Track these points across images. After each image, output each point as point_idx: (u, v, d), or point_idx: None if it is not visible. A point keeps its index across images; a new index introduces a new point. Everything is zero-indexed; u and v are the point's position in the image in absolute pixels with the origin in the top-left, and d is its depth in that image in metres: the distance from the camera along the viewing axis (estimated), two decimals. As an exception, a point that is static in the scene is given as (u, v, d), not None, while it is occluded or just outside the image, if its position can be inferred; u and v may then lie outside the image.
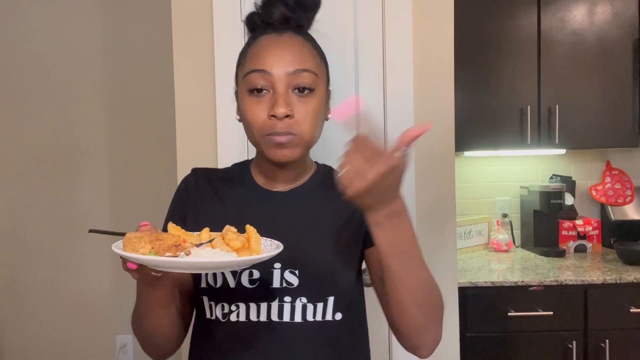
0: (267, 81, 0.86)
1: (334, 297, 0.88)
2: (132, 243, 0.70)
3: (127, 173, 2.48)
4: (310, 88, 0.88)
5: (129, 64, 2.47)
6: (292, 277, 0.88)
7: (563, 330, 1.89)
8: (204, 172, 1.03)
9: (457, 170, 1.72)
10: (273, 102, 0.86)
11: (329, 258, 0.89)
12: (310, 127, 0.88)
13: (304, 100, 0.87)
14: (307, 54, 0.89)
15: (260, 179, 0.98)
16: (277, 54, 0.87)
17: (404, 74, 1.60)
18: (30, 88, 2.47)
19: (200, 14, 1.59)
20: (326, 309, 0.88)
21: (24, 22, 2.46)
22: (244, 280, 0.88)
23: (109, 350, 2.50)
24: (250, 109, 0.88)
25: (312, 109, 0.88)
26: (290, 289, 0.87)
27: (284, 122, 0.85)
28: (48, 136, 2.47)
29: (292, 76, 0.86)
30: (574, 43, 2.21)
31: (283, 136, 0.86)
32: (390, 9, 1.59)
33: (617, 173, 2.54)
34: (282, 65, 0.86)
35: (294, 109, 0.86)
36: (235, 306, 0.88)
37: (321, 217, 0.93)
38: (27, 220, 2.49)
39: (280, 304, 0.87)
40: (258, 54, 0.88)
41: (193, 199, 0.98)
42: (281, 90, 0.86)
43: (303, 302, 0.87)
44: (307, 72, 0.87)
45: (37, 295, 2.49)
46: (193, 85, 1.60)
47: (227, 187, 0.98)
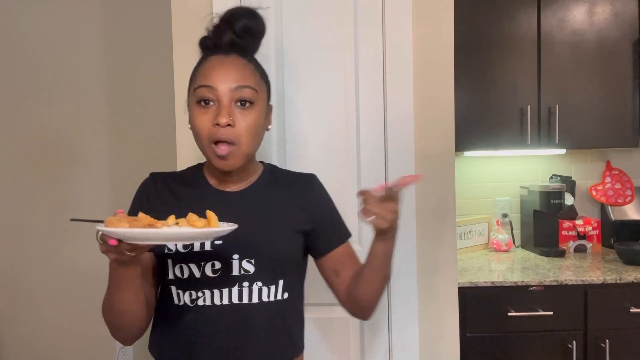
0: (213, 95, 1.01)
1: (283, 280, 1.07)
2: (113, 223, 0.82)
3: (127, 172, 2.48)
4: (251, 101, 1.02)
5: (129, 64, 2.47)
6: (249, 265, 1.03)
7: (563, 330, 1.89)
8: (162, 176, 1.14)
9: (457, 170, 1.72)
10: (217, 112, 1.00)
11: (279, 248, 1.06)
12: (249, 136, 1.02)
13: (244, 113, 1.02)
14: (248, 73, 1.04)
15: (213, 181, 1.11)
16: (222, 72, 1.02)
17: (404, 74, 1.60)
18: (31, 86, 2.47)
19: (200, 14, 1.59)
20: (277, 290, 1.06)
21: (25, 21, 2.46)
22: (208, 270, 1.02)
23: (109, 350, 2.50)
24: (198, 118, 1.02)
25: (251, 120, 1.02)
26: (247, 275, 1.03)
27: (225, 129, 0.99)
28: (48, 135, 2.47)
29: (234, 91, 1.01)
30: (574, 43, 2.21)
31: (224, 147, 1.00)
32: (390, 10, 1.59)
33: (617, 173, 2.54)
34: (227, 82, 1.01)
35: (235, 119, 1.00)
36: (201, 292, 1.02)
37: (271, 213, 1.09)
38: (27, 219, 2.49)
39: (239, 289, 1.03)
40: (206, 71, 1.03)
41: (154, 201, 1.09)
42: (225, 103, 1.00)
43: (259, 285, 1.04)
44: (247, 88, 1.02)
45: (36, 295, 2.49)
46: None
47: (184, 189, 1.11)
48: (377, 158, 1.61)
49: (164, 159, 2.39)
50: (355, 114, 1.61)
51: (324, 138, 1.62)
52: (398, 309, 1.61)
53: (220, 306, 1.03)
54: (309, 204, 1.13)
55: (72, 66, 2.47)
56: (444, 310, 1.63)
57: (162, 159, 2.41)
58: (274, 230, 1.07)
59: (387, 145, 1.61)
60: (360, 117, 1.61)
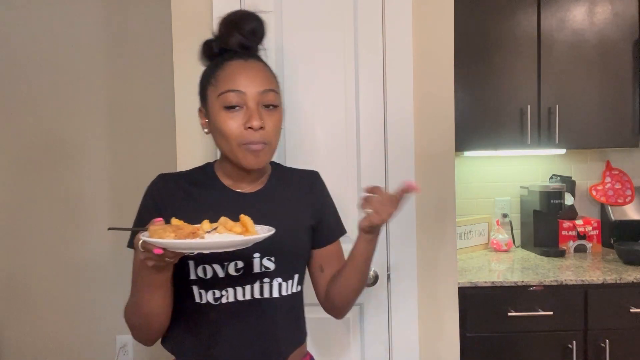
0: (241, 99, 1.04)
1: (298, 275, 1.14)
2: (158, 233, 0.83)
3: (128, 172, 2.48)
4: (275, 104, 1.07)
5: (129, 64, 2.47)
6: (270, 263, 1.08)
7: (563, 330, 1.89)
8: (171, 177, 1.15)
9: (457, 170, 1.72)
10: (248, 116, 1.03)
11: (297, 245, 1.13)
12: (276, 136, 1.08)
13: (271, 115, 1.06)
14: (270, 77, 1.09)
15: (227, 181, 1.13)
16: (249, 77, 1.05)
17: (404, 74, 1.60)
18: (31, 86, 2.47)
19: (200, 15, 1.59)
20: (293, 283, 1.12)
21: (26, 21, 2.46)
22: (231, 270, 1.06)
23: (109, 350, 2.50)
24: (226, 122, 1.04)
25: (277, 121, 1.08)
26: (268, 272, 1.08)
27: (259, 132, 1.03)
28: (48, 134, 2.47)
29: (262, 95, 1.05)
30: (574, 43, 2.21)
31: (259, 145, 1.04)
32: (390, 9, 1.59)
33: (617, 173, 2.54)
34: (254, 86, 1.04)
35: (265, 122, 1.04)
36: (225, 291, 1.06)
37: (285, 211, 1.14)
38: (27, 218, 2.49)
39: (261, 285, 1.08)
40: (231, 76, 1.05)
41: (166, 201, 1.10)
42: (254, 106, 1.04)
43: (278, 281, 1.10)
44: (272, 91, 1.06)
45: (36, 294, 2.49)
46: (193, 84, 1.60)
47: (198, 190, 1.12)
48: (377, 158, 1.61)
49: (164, 159, 2.39)
50: (355, 114, 1.61)
51: (324, 138, 1.62)
52: (398, 309, 1.61)
53: (242, 302, 1.07)
54: (314, 200, 1.18)
55: (72, 66, 2.47)
56: (444, 310, 1.63)
57: (162, 159, 2.42)
58: (290, 228, 1.11)
59: (387, 145, 1.61)
60: (360, 117, 1.61)
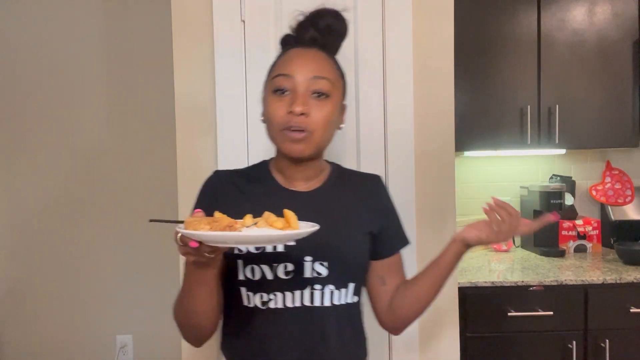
0: (290, 83, 0.99)
1: (354, 284, 1.06)
2: (193, 225, 0.80)
3: (128, 171, 2.48)
4: (327, 94, 1.00)
5: (129, 64, 2.47)
6: (322, 268, 1.01)
7: (563, 330, 1.89)
8: (227, 173, 1.12)
9: (457, 170, 1.72)
10: (292, 100, 0.98)
11: (352, 251, 1.05)
12: (322, 127, 1.00)
13: (319, 104, 1.00)
14: (327, 66, 1.03)
15: (280, 178, 1.08)
16: (301, 62, 1.01)
17: (404, 74, 1.60)
18: (31, 88, 2.47)
19: (200, 14, 1.59)
20: (347, 293, 1.05)
21: (25, 23, 2.46)
22: (280, 272, 1.00)
23: (109, 350, 2.50)
24: (272, 106, 1.01)
25: (326, 112, 1.00)
26: (319, 278, 1.01)
27: (299, 118, 0.97)
28: (49, 135, 2.47)
29: (311, 81, 0.99)
30: (574, 43, 2.21)
31: (298, 133, 0.98)
32: (390, 10, 1.59)
33: (617, 173, 2.54)
34: (305, 72, 1.00)
35: (310, 109, 0.98)
36: (273, 295, 1.00)
37: (342, 214, 1.06)
38: (27, 219, 2.48)
39: (311, 291, 1.01)
40: (285, 61, 1.02)
41: (222, 198, 1.05)
42: (300, 92, 0.99)
43: (331, 289, 1.02)
44: (324, 79, 1.00)
45: (37, 295, 2.49)
46: (193, 85, 1.60)
47: (251, 186, 1.08)
48: (377, 158, 1.61)
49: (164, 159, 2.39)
50: (355, 114, 1.61)
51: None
52: (398, 309, 1.61)
53: (291, 308, 1.01)
54: (376, 207, 1.11)
55: (72, 67, 2.47)
56: (444, 310, 1.63)
57: (163, 160, 2.42)
58: (346, 232, 1.05)
59: (387, 145, 1.61)
60: (360, 117, 1.61)
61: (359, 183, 1.14)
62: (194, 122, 1.61)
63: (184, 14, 1.60)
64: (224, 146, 1.60)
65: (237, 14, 1.58)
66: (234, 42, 1.58)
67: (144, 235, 2.46)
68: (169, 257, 2.41)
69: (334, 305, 1.03)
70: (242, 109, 1.59)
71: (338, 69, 1.07)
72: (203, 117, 1.60)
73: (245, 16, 1.59)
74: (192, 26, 1.60)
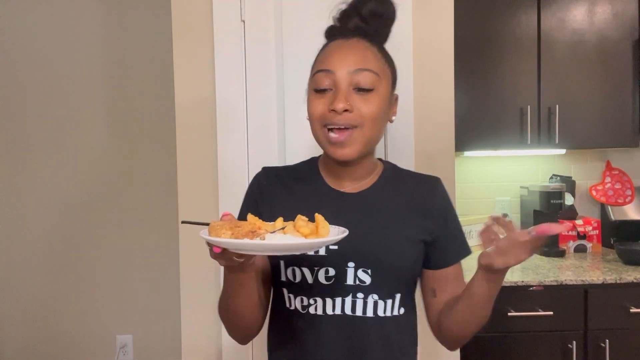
0: (331, 79, 0.92)
1: (400, 295, 0.97)
2: (216, 230, 0.77)
3: (128, 171, 2.48)
4: (371, 88, 0.92)
5: (129, 64, 2.47)
6: (365, 275, 0.94)
7: (563, 330, 1.89)
8: (274, 171, 1.07)
9: (457, 170, 1.72)
10: (334, 97, 0.91)
11: (400, 259, 0.96)
12: (370, 122, 0.92)
13: (364, 99, 0.92)
14: (370, 56, 0.94)
15: (329, 178, 1.02)
16: (341, 56, 0.93)
17: (404, 74, 1.60)
18: (30, 88, 2.47)
19: (200, 15, 1.59)
20: (394, 304, 0.97)
21: (25, 23, 2.46)
22: (321, 277, 0.95)
23: (109, 350, 2.50)
24: (313, 103, 0.94)
25: (373, 106, 0.92)
26: (362, 286, 0.95)
27: (343, 115, 0.90)
28: (48, 137, 2.47)
29: (353, 75, 0.91)
30: (574, 43, 2.21)
31: (341, 133, 0.91)
32: (390, 9, 1.59)
33: (617, 173, 2.54)
34: (345, 65, 0.92)
35: (353, 105, 0.91)
36: (313, 300, 0.95)
37: (392, 218, 0.98)
38: (27, 219, 2.49)
39: (353, 300, 0.95)
40: (325, 56, 0.96)
41: (268, 195, 1.02)
42: (342, 87, 0.91)
43: (374, 298, 0.95)
44: (368, 71, 0.92)
45: (36, 295, 2.49)
46: (193, 86, 1.60)
47: (298, 184, 1.03)
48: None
49: (164, 159, 2.40)
50: (355, 114, 1.61)
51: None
52: (398, 309, 1.61)
53: (332, 316, 0.95)
54: (432, 212, 1.00)
55: (71, 67, 2.47)
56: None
57: (163, 160, 2.42)
58: (395, 238, 0.96)
59: (387, 145, 1.61)
60: (360, 117, 1.61)
61: (413, 185, 1.03)
62: (194, 121, 1.61)
63: (184, 14, 1.60)
64: (224, 147, 1.60)
65: (237, 14, 1.58)
66: (234, 42, 1.58)
67: (144, 235, 2.47)
68: (169, 257, 2.42)
69: (377, 316, 0.95)
70: (242, 108, 1.59)
71: (384, 57, 0.98)
72: (203, 116, 1.60)
73: (245, 16, 1.59)
74: (192, 26, 1.60)
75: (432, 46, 1.61)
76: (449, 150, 1.63)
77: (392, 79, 0.98)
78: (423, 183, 1.04)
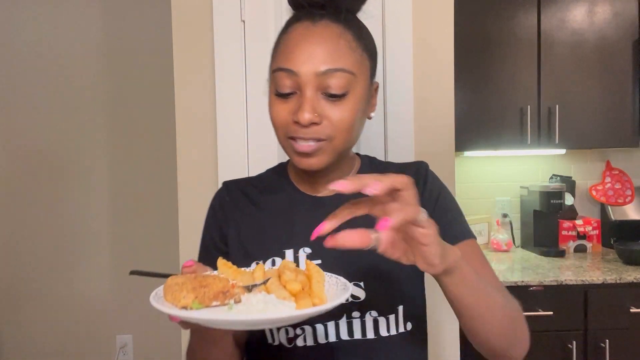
0: (294, 82, 0.75)
1: (403, 306, 0.82)
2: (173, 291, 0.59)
3: (128, 175, 2.48)
4: (344, 93, 0.75)
5: (129, 66, 2.47)
6: (358, 289, 0.79)
7: (563, 330, 1.89)
8: (237, 184, 0.92)
9: (457, 170, 1.72)
10: (298, 105, 0.75)
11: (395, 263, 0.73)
12: (342, 133, 0.77)
13: (336, 105, 0.75)
14: (343, 49, 0.76)
15: (301, 184, 0.88)
16: (307, 51, 0.75)
17: (404, 73, 1.60)
18: (30, 90, 2.47)
19: (200, 15, 1.59)
20: (398, 320, 0.81)
21: (25, 24, 2.46)
22: None
23: (109, 350, 2.50)
24: (275, 108, 0.78)
25: (346, 114, 0.76)
26: (357, 303, 0.79)
27: (310, 128, 0.75)
28: (48, 139, 2.47)
29: (322, 77, 0.74)
30: (574, 43, 2.21)
31: (307, 144, 0.76)
32: (390, 10, 1.59)
33: (617, 173, 2.54)
34: (312, 64, 0.74)
35: (322, 114, 0.75)
36: (300, 330, 0.79)
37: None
38: (27, 221, 2.49)
39: (348, 321, 0.79)
40: (287, 47, 0.77)
41: (231, 215, 0.87)
42: (308, 94, 0.75)
43: (373, 315, 0.80)
44: (340, 71, 0.75)
45: (37, 295, 2.49)
46: (193, 86, 1.60)
47: (267, 196, 0.88)
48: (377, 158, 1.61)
49: (164, 160, 2.39)
50: (355, 114, 1.61)
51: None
52: (398, 309, 1.61)
53: (326, 345, 0.79)
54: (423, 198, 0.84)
55: (71, 67, 2.47)
56: (443, 311, 1.63)
57: (163, 160, 2.42)
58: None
59: (387, 145, 1.61)
60: (360, 117, 1.61)
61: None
62: (194, 121, 1.61)
63: (184, 14, 1.60)
64: (224, 148, 1.60)
65: (237, 14, 1.58)
66: (234, 42, 1.58)
67: (144, 235, 2.46)
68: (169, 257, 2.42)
69: (380, 337, 0.80)
70: (242, 108, 1.59)
71: (361, 43, 0.79)
72: (203, 116, 1.60)
73: (245, 16, 1.59)
74: (192, 26, 1.60)
75: (432, 46, 1.61)
76: (449, 150, 1.63)
77: (371, 69, 0.81)
78: (406, 170, 0.86)
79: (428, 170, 0.88)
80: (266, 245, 0.80)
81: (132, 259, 2.48)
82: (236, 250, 0.84)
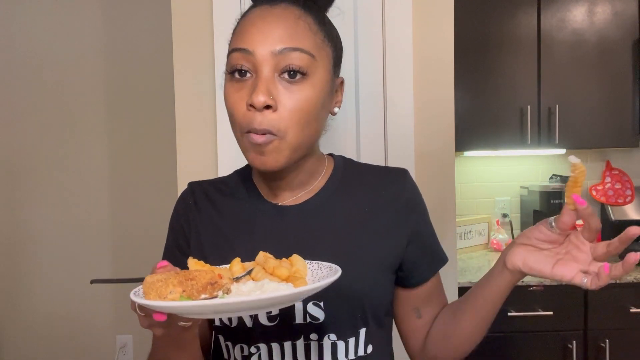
0: (250, 62, 0.70)
1: (366, 329, 0.77)
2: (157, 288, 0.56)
3: (128, 175, 2.48)
4: (302, 72, 0.69)
5: (129, 66, 2.47)
6: (317, 310, 0.74)
7: (563, 330, 1.89)
8: (202, 187, 0.86)
9: (457, 170, 1.72)
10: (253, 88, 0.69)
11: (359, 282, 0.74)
12: (296, 124, 0.70)
13: (293, 89, 0.70)
14: (302, 30, 0.71)
15: (264, 189, 0.82)
16: (263, 30, 0.70)
17: (404, 74, 1.60)
18: (30, 89, 2.47)
19: (201, 15, 1.59)
20: (358, 343, 0.76)
21: (25, 23, 2.46)
22: (262, 318, 0.74)
23: (109, 350, 2.50)
24: (231, 96, 0.72)
25: (303, 99, 0.70)
26: (316, 324, 0.74)
27: (263, 114, 0.68)
28: (48, 138, 2.47)
29: (279, 56, 0.69)
30: (574, 43, 2.21)
31: (261, 135, 0.69)
32: (390, 10, 1.59)
33: (617, 173, 2.54)
34: (268, 43, 0.69)
35: (277, 98, 0.69)
36: (255, 348, 0.75)
37: (347, 232, 0.77)
38: (28, 221, 2.49)
39: (306, 343, 0.74)
40: (242, 29, 0.73)
41: (194, 219, 0.83)
42: (264, 74, 0.69)
43: (332, 339, 0.75)
44: (298, 51, 0.69)
45: (37, 295, 2.49)
46: (193, 86, 1.60)
47: (228, 201, 0.82)
48: (377, 158, 1.61)
49: (165, 160, 2.39)
50: (355, 115, 1.61)
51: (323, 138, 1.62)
52: (398, 309, 1.61)
53: None
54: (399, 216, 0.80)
55: (71, 67, 2.47)
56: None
57: (163, 160, 2.42)
58: (352, 257, 0.75)
59: (387, 145, 1.61)
60: (360, 117, 1.61)
61: (374, 184, 0.81)
62: (194, 121, 1.61)
63: (184, 13, 1.60)
64: (224, 149, 1.60)
65: (237, 14, 1.58)
66: (234, 42, 1.58)
67: (144, 236, 2.46)
68: (169, 257, 2.42)
69: None
70: (242, 109, 1.60)
71: (323, 31, 0.74)
72: (203, 116, 1.60)
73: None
74: (192, 26, 1.60)
75: (432, 46, 1.61)
76: (449, 150, 1.63)
77: (333, 60, 0.76)
78: (386, 180, 0.82)
79: (413, 181, 0.84)
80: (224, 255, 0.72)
81: (133, 258, 2.48)
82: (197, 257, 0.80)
